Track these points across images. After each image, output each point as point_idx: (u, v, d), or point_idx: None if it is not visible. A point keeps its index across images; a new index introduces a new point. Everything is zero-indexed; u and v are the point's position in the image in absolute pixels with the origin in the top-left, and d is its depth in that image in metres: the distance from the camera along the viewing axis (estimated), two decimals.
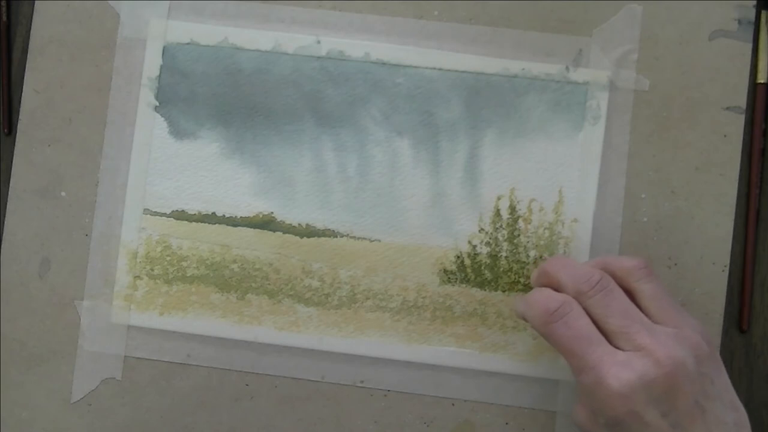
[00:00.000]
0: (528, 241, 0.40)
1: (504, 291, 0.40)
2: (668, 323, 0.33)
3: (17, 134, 0.42)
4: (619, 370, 0.31)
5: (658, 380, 0.31)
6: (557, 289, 0.35)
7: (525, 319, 0.36)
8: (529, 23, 0.40)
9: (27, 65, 0.42)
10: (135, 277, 0.41)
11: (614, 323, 0.32)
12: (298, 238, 0.41)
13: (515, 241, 0.40)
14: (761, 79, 0.40)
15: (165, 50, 0.41)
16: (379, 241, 0.40)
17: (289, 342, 0.40)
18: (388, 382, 0.40)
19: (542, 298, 0.34)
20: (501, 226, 0.40)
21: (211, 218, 0.41)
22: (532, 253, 0.40)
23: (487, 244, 0.40)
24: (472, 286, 0.40)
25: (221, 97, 0.41)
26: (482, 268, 0.40)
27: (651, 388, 0.31)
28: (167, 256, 0.41)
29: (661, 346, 0.31)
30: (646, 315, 0.33)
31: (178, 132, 0.41)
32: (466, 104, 0.40)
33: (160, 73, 0.41)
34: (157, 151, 0.41)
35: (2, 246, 0.41)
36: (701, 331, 0.33)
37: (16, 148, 0.42)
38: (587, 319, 0.33)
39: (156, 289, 0.41)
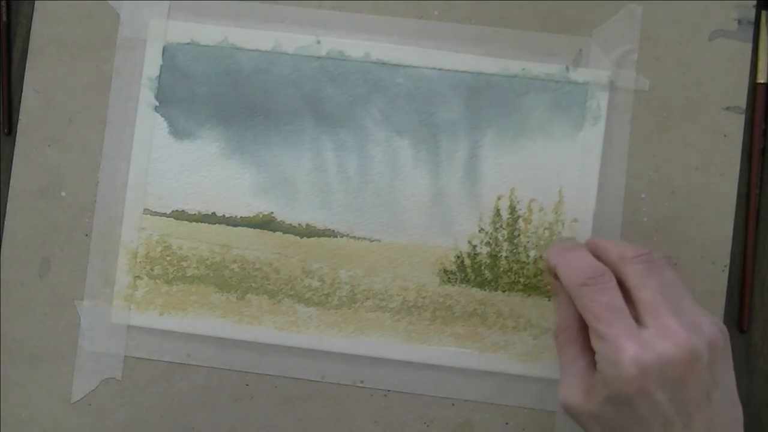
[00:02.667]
0: (528, 241, 0.40)
1: (504, 291, 0.40)
2: (686, 311, 0.33)
3: (17, 134, 0.42)
4: (639, 348, 0.31)
5: (674, 364, 0.31)
6: (598, 258, 0.35)
7: (554, 275, 0.35)
8: (529, 23, 0.40)
9: (27, 65, 0.42)
10: (135, 277, 0.41)
11: (647, 295, 0.33)
12: (298, 238, 0.41)
13: (515, 241, 0.40)
14: (761, 79, 0.40)
15: (165, 50, 0.41)
16: (379, 241, 0.40)
17: (289, 342, 0.40)
18: (388, 382, 0.40)
19: (584, 261, 0.34)
20: (501, 226, 0.40)
21: (211, 218, 0.41)
22: (532, 253, 0.40)
23: (487, 244, 0.40)
24: (472, 286, 0.40)
25: (221, 97, 0.41)
26: (482, 268, 0.40)
27: (666, 371, 0.31)
28: (167, 256, 0.41)
29: (683, 331, 0.31)
30: None
31: (178, 132, 0.41)
32: (466, 104, 0.40)
33: (160, 73, 0.41)
34: (157, 151, 0.41)
35: (2, 246, 0.41)
36: (718, 323, 0.33)
37: (16, 148, 0.42)
38: (620, 294, 0.33)
39: (156, 289, 0.41)
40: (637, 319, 0.33)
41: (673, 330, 0.32)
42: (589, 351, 0.34)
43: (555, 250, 0.36)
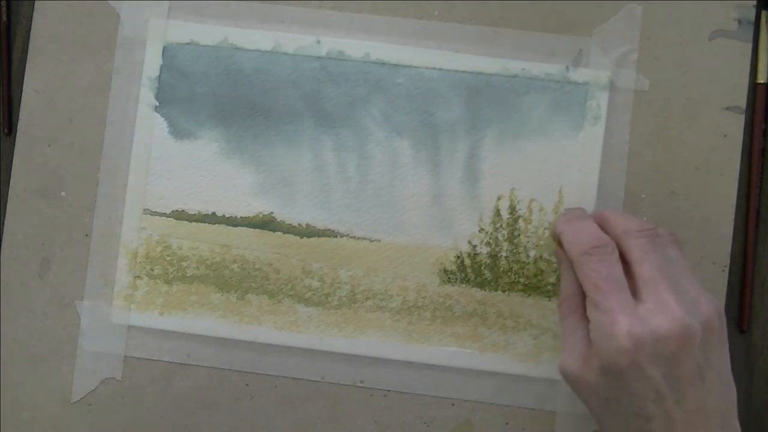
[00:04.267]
0: (528, 241, 0.40)
1: (504, 291, 0.40)
2: (686, 290, 0.33)
3: (17, 134, 0.42)
4: (634, 322, 0.31)
5: (668, 339, 0.31)
6: (604, 230, 0.35)
7: (559, 242, 0.36)
8: (529, 23, 0.40)
9: (27, 65, 0.42)
10: (135, 277, 0.41)
11: (647, 269, 0.33)
12: (298, 238, 0.41)
13: (515, 241, 0.40)
14: (761, 79, 0.40)
15: (165, 50, 0.41)
16: (379, 241, 0.40)
17: (289, 342, 0.40)
18: (388, 382, 0.40)
19: (589, 231, 0.34)
20: (501, 226, 0.40)
21: (211, 218, 0.41)
22: (532, 253, 0.40)
23: (487, 244, 0.40)
24: (472, 286, 0.40)
25: (221, 97, 0.41)
26: (482, 268, 0.40)
27: (659, 346, 0.31)
28: (167, 256, 0.41)
29: (679, 308, 0.32)
30: None
31: (178, 132, 0.41)
32: (466, 104, 0.40)
33: (160, 73, 0.41)
34: (157, 151, 0.41)
35: (2, 246, 0.41)
36: (716, 304, 0.33)
37: (16, 148, 0.42)
38: (621, 268, 0.33)
39: (156, 289, 0.41)
40: (635, 293, 0.33)
41: (669, 306, 0.32)
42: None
43: (562, 218, 0.36)
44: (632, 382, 0.32)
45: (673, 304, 0.32)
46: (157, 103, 0.41)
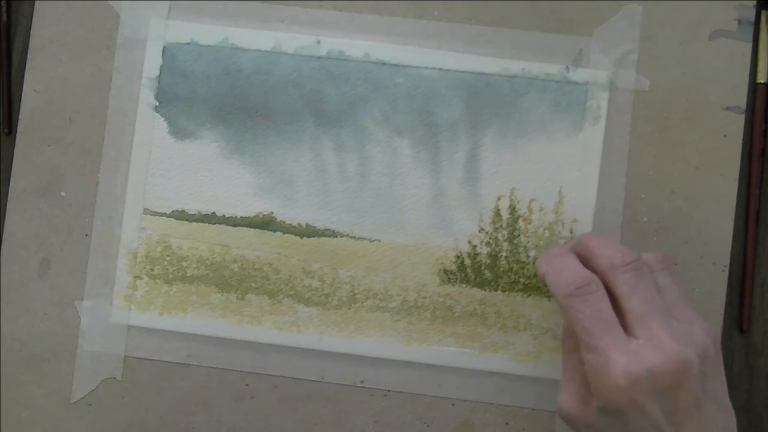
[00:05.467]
0: (528, 241, 0.40)
1: (504, 291, 0.40)
2: (681, 319, 0.33)
3: (17, 134, 0.42)
4: (629, 360, 0.31)
5: (664, 374, 0.31)
6: (587, 262, 0.34)
7: (544, 281, 0.35)
8: (529, 23, 0.40)
9: (27, 65, 0.42)
10: (135, 277, 0.41)
11: (636, 305, 0.32)
12: (298, 238, 0.41)
13: (515, 241, 0.40)
14: (761, 79, 0.40)
15: (165, 50, 0.41)
16: (379, 241, 0.40)
17: (289, 342, 0.40)
18: (388, 382, 0.40)
19: (571, 269, 0.34)
20: (501, 226, 0.40)
21: (211, 218, 0.41)
22: (532, 253, 0.40)
23: (487, 244, 0.40)
24: (472, 286, 0.40)
25: (221, 97, 0.41)
26: (482, 268, 0.40)
27: (656, 382, 0.31)
28: (167, 256, 0.41)
29: (673, 341, 0.31)
30: None
31: (178, 132, 0.41)
32: (466, 104, 0.40)
33: (160, 73, 0.41)
34: (157, 151, 0.41)
35: (2, 246, 0.41)
36: (711, 332, 0.33)
37: (16, 148, 0.42)
38: (608, 304, 0.33)
39: (156, 289, 0.41)
40: (627, 328, 0.33)
41: (663, 341, 0.31)
42: None
43: (543, 258, 0.36)
44: (631, 420, 0.31)
45: (667, 338, 0.31)
46: (157, 103, 0.41)
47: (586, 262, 0.34)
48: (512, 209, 0.40)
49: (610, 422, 0.32)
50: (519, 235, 0.40)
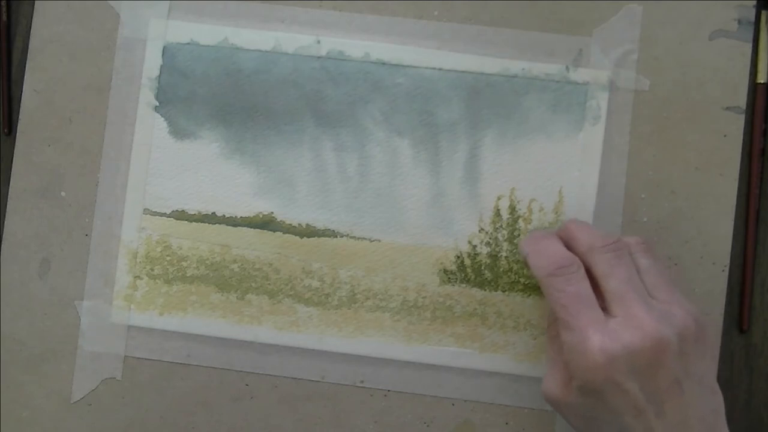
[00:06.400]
0: None
1: (504, 291, 0.40)
2: (660, 299, 0.33)
3: (17, 134, 0.42)
4: (606, 338, 0.31)
5: (642, 352, 0.31)
6: (569, 245, 0.35)
7: (526, 263, 0.36)
8: (529, 23, 0.40)
9: (27, 65, 0.42)
10: (135, 277, 0.41)
11: (614, 285, 0.33)
12: (298, 238, 0.41)
13: (515, 241, 0.40)
14: (761, 79, 0.40)
15: (165, 50, 0.41)
16: (379, 241, 0.40)
17: (289, 342, 0.40)
18: (388, 382, 0.40)
19: (553, 250, 0.34)
20: (501, 226, 0.40)
21: (211, 218, 0.41)
22: None
23: (487, 244, 0.40)
24: (472, 286, 0.40)
25: (221, 97, 0.41)
26: (482, 268, 0.40)
27: (634, 360, 0.31)
28: (167, 256, 0.41)
29: (651, 320, 0.31)
30: None
31: (178, 132, 0.41)
32: (466, 104, 0.40)
33: (160, 73, 0.41)
34: (157, 151, 0.41)
35: (2, 246, 0.41)
36: (692, 311, 0.33)
37: (16, 148, 0.42)
38: (588, 284, 0.33)
39: (156, 289, 0.41)
40: (606, 308, 0.33)
41: (640, 319, 0.31)
42: None
43: (526, 240, 0.36)
44: (610, 399, 0.32)
45: (644, 316, 0.31)
46: (157, 103, 0.41)
47: (568, 245, 0.35)
48: (512, 209, 0.40)
49: (590, 402, 0.32)
50: (519, 235, 0.40)
